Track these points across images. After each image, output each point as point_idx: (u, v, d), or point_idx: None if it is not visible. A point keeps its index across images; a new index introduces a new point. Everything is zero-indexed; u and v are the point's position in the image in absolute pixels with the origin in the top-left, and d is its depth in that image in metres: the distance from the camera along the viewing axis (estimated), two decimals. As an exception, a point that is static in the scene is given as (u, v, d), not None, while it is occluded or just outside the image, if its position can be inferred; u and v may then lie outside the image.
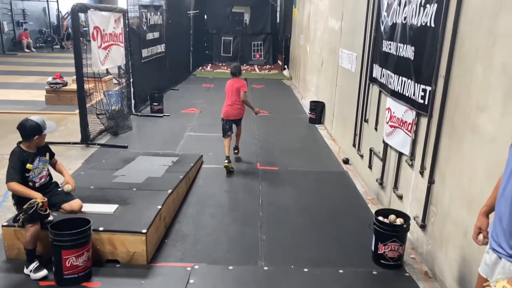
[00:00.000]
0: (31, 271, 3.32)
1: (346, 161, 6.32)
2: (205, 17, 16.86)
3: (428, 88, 3.69)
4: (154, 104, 8.80)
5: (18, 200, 3.35)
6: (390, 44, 4.60)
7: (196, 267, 3.59)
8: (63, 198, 3.53)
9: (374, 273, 3.63)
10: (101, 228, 3.52)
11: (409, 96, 4.04)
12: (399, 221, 3.75)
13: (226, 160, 5.71)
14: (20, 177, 3.28)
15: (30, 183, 3.37)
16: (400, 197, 4.34)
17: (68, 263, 3.20)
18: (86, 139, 6.64)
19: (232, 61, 15.42)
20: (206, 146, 6.72)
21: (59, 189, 3.63)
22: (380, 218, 3.74)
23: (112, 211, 3.87)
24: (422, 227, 3.82)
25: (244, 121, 7.79)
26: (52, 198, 3.46)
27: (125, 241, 3.53)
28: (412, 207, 4.06)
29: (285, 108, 10.00)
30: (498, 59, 2.78)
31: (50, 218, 3.53)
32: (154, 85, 9.59)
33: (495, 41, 2.83)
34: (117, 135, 7.20)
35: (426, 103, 3.73)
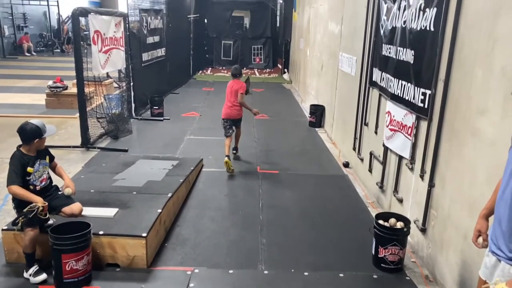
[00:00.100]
0: (31, 275, 3.31)
1: (346, 165, 6.32)
2: (205, 21, 16.91)
3: (428, 92, 3.70)
4: (154, 108, 8.82)
5: (18, 204, 3.35)
6: (390, 48, 4.61)
7: (196, 271, 3.58)
8: (64, 202, 3.53)
9: (375, 277, 3.62)
10: (101, 232, 3.52)
11: (409, 100, 4.05)
12: (400, 225, 3.75)
13: (226, 157, 5.82)
14: (21, 181, 3.29)
15: (31, 187, 3.37)
16: (400, 201, 4.34)
17: (68, 267, 3.20)
18: (86, 143, 6.64)
19: (232, 65, 15.41)
20: (206, 150, 6.72)
21: (59, 193, 3.63)
22: (381, 222, 3.74)
23: (112, 215, 3.86)
24: (423, 231, 3.82)
25: (244, 125, 7.81)
26: (53, 202, 3.46)
27: (125, 245, 3.52)
28: (413, 211, 4.06)
29: (285, 112, 10.01)
30: (498, 63, 2.79)
31: (50, 222, 3.53)
32: (155, 89, 9.61)
33: (495, 45, 2.84)
34: (117, 139, 7.20)
35: (426, 107, 3.73)
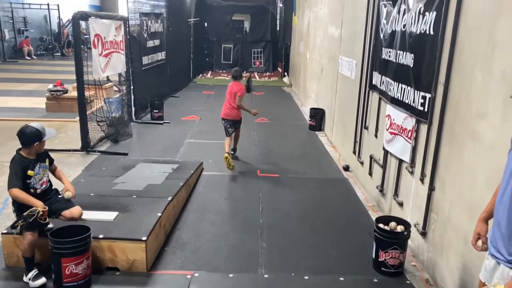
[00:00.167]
0: (30, 279, 3.30)
1: (347, 168, 6.32)
2: (206, 25, 16.95)
3: (428, 95, 3.70)
4: (155, 111, 8.82)
5: (18, 207, 3.35)
6: (390, 52, 4.62)
7: (196, 275, 3.57)
8: (63, 205, 3.53)
9: (375, 281, 3.61)
10: (101, 236, 3.51)
11: (409, 103, 4.05)
12: (400, 228, 3.74)
13: (226, 153, 5.97)
14: (22, 183, 3.29)
15: (32, 190, 3.37)
16: (401, 204, 4.33)
17: (68, 271, 3.19)
18: (86, 146, 6.64)
19: (232, 68, 15.44)
20: (206, 153, 6.72)
21: (59, 196, 3.63)
22: (381, 225, 3.73)
23: (112, 219, 3.86)
24: (423, 234, 3.81)
25: (244, 128, 7.83)
26: (52, 205, 3.46)
27: (125, 249, 3.51)
28: (413, 214, 4.05)
29: (285, 115, 10.02)
30: (498, 66, 2.79)
31: (50, 226, 3.52)
32: (155, 92, 9.62)
33: (494, 48, 2.84)
34: (117, 142, 7.20)
35: (426, 110, 3.73)
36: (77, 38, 6.82)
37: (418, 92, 3.86)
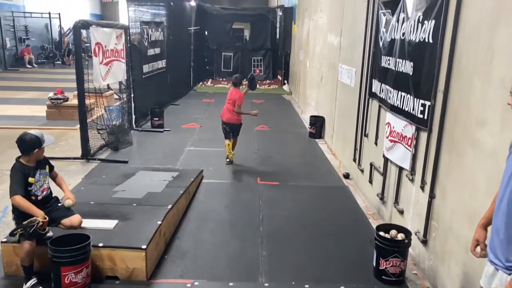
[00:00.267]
0: (29, 288, 3.28)
1: (347, 176, 6.31)
2: (206, 33, 17.03)
3: (427, 103, 3.71)
4: (155, 119, 8.84)
5: (18, 215, 3.35)
6: (389, 60, 4.64)
7: (196, 284, 3.55)
8: (63, 214, 3.52)
9: (376, 289, 3.59)
10: (101, 244, 3.50)
11: (409, 111, 4.06)
12: (401, 236, 3.73)
13: (227, 140, 6.50)
14: (23, 190, 3.29)
15: (33, 197, 3.37)
16: (401, 212, 4.32)
17: (67, 280, 3.17)
18: (87, 154, 6.65)
19: (232, 76, 15.49)
20: (207, 161, 6.72)
21: (59, 204, 3.62)
22: (381, 233, 3.72)
23: (112, 227, 3.85)
24: (424, 242, 3.79)
25: (245, 136, 7.84)
26: (52, 214, 3.46)
27: (125, 257, 3.50)
28: (413, 222, 4.04)
29: (285, 123, 10.03)
30: (497, 74, 2.80)
31: (50, 234, 3.51)
32: (155, 100, 9.65)
33: (493, 56, 2.86)
34: (118, 150, 7.20)
35: (426, 118, 3.74)
36: (78, 47, 6.87)
37: (418, 100, 3.87)
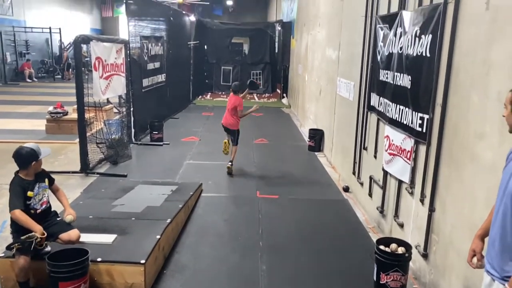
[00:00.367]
0: (26, 304, 3.25)
1: (346, 189, 6.30)
2: (205, 47, 17.18)
3: (426, 116, 3.73)
4: (154, 133, 8.85)
5: (16, 229, 3.33)
6: (387, 73, 4.68)
7: (195, 299, 3.52)
8: (61, 228, 3.50)
9: (377, 304, 3.56)
10: (99, 259, 3.47)
11: (407, 124, 4.08)
12: (401, 250, 3.71)
13: (226, 140, 6.92)
14: (23, 205, 3.29)
15: (32, 211, 3.36)
16: (401, 226, 4.30)
17: (65, 295, 3.14)
18: (86, 168, 6.63)
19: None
20: (206, 175, 6.71)
21: (58, 219, 3.61)
22: (382, 247, 3.70)
23: (111, 241, 3.82)
24: (424, 256, 3.77)
25: (244, 149, 7.85)
26: (50, 228, 3.44)
27: (124, 272, 3.47)
28: (414, 236, 4.02)
29: (284, 136, 10.05)
30: (494, 88, 2.83)
31: (48, 249, 3.49)
32: (154, 114, 9.67)
33: (490, 70, 2.89)
34: (117, 164, 7.20)
35: (424, 131, 3.76)
36: (79, 61, 6.91)
37: (416, 113, 3.89)
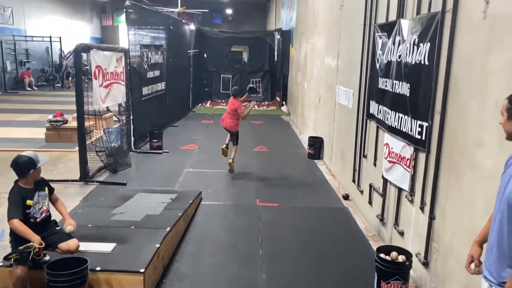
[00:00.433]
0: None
1: (346, 197, 6.29)
2: (205, 56, 17.25)
3: (425, 124, 3.74)
4: (154, 141, 8.84)
5: (15, 239, 3.32)
6: (386, 81, 4.70)
7: (195, 308, 3.50)
8: (60, 238, 3.49)
9: (378, 313, 3.54)
10: (98, 268, 3.46)
11: (406, 132, 4.08)
12: (401, 258, 3.69)
13: (223, 146, 7.40)
14: (21, 214, 3.28)
15: (31, 220, 3.35)
16: (401, 234, 4.29)
17: (64, 305, 3.12)
18: (85, 177, 6.62)
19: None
20: (205, 183, 6.70)
21: (57, 228, 3.59)
22: (382, 255, 3.69)
23: (110, 250, 3.81)
24: (425, 264, 3.76)
25: (243, 157, 7.86)
26: (50, 237, 3.43)
27: (123, 281, 3.45)
28: (414, 244, 4.01)
29: (284, 144, 10.05)
30: (492, 96, 2.84)
31: (47, 258, 3.47)
32: (154, 122, 9.68)
33: (488, 79, 2.90)
34: (116, 172, 7.19)
35: (424, 139, 3.76)
36: (78, 70, 6.93)
37: (415, 121, 3.90)
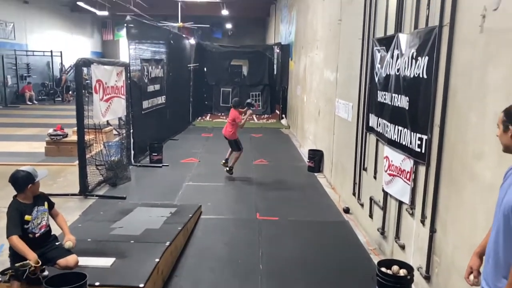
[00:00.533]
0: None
1: (347, 210, 6.26)
2: (205, 70, 17.38)
3: (424, 137, 3.75)
4: (153, 154, 8.83)
5: (14, 254, 3.31)
6: (385, 95, 4.72)
7: (195, 324, 3.46)
8: (59, 253, 3.46)
9: (380, 328, 3.49)
10: (97, 283, 3.42)
11: (406, 145, 4.09)
12: (403, 272, 3.66)
13: (224, 161, 7.87)
14: (20, 230, 3.26)
15: (30, 235, 3.34)
16: (403, 247, 4.26)
17: (62, 321, 3.08)
18: (85, 190, 6.61)
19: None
20: (205, 196, 6.68)
21: (57, 243, 3.57)
22: (383, 269, 3.66)
23: (109, 265, 3.78)
24: (427, 279, 3.72)
25: (243, 170, 7.85)
26: (49, 253, 3.41)
27: (122, 297, 3.42)
28: (415, 258, 3.98)
29: (284, 157, 10.05)
30: (491, 109, 2.85)
31: (45, 273, 3.44)
32: (154, 136, 9.69)
33: (486, 92, 2.92)
34: (116, 186, 7.17)
35: (423, 152, 3.77)
36: (79, 84, 6.97)
37: (415, 134, 3.91)
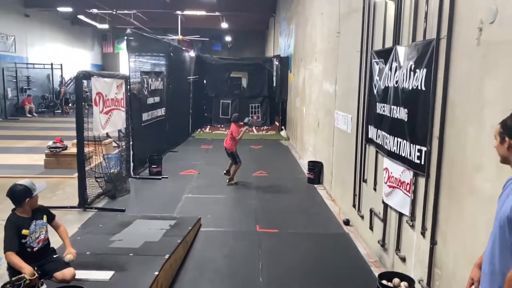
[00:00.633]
0: None
1: (347, 222, 6.23)
2: (205, 82, 17.48)
3: (424, 149, 3.75)
4: (153, 167, 8.82)
5: (11, 266, 3.28)
6: (384, 106, 4.74)
7: (194, 338, 3.42)
8: (57, 266, 3.44)
9: None
10: (96, 297, 3.40)
11: (406, 157, 4.10)
12: (404, 285, 3.64)
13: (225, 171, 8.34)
14: (17, 244, 3.24)
15: (28, 249, 3.32)
16: (403, 259, 4.24)
17: (59, 336, 3.05)
18: (84, 203, 6.59)
19: (230, 123, 15.69)
20: (205, 208, 6.66)
21: (55, 256, 3.55)
22: (384, 282, 3.63)
23: (108, 278, 3.75)
24: (428, 291, 3.70)
25: (243, 182, 7.83)
26: (46, 266, 3.39)
27: (120, 311, 3.39)
28: (416, 270, 3.95)
29: (283, 169, 10.04)
30: (489, 121, 2.86)
31: (43, 287, 3.42)
32: (154, 148, 9.69)
33: (484, 104, 2.94)
34: (115, 198, 7.15)
35: (423, 163, 3.77)
36: (79, 96, 7.00)
37: (414, 146, 3.92)
